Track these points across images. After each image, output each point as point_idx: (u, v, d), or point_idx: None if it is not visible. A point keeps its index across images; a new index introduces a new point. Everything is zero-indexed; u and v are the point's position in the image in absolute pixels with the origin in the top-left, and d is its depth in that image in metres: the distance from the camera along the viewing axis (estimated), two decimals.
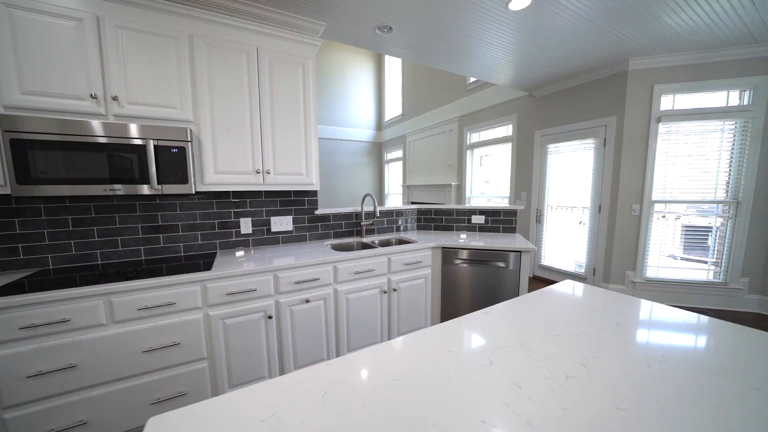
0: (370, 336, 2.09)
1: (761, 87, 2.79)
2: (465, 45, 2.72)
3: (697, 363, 0.73)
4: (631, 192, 3.19)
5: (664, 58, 2.93)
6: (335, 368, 0.72)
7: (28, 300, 1.22)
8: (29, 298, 1.22)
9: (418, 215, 2.96)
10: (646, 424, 0.54)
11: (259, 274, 1.67)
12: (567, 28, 2.42)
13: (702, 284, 3.11)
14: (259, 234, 2.23)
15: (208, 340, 1.57)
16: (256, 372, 1.72)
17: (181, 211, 1.97)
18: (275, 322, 1.75)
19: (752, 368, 0.71)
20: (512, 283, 2.21)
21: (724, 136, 2.94)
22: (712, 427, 0.54)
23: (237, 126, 1.84)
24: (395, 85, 7.45)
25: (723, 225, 3.04)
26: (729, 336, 0.86)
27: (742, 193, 2.92)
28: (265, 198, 2.23)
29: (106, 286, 1.33)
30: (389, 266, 2.11)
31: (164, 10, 1.61)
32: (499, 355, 0.77)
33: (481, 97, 4.83)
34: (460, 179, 5.36)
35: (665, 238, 3.22)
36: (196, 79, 1.71)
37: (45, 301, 1.24)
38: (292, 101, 2.01)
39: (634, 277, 3.26)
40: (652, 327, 0.93)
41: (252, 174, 1.92)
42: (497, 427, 0.54)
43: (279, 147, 1.99)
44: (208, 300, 1.55)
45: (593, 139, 3.43)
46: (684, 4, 2.11)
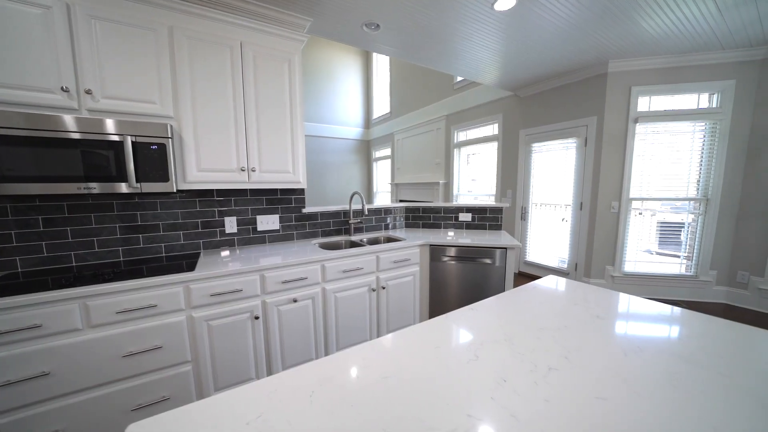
0: (359, 334, 2.09)
1: (728, 91, 2.94)
2: (452, 44, 2.75)
3: (669, 352, 0.77)
4: (610, 190, 3.31)
5: (641, 61, 3.05)
6: (323, 367, 0.72)
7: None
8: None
9: (407, 213, 2.98)
10: (624, 413, 0.57)
11: (245, 274, 1.64)
12: (550, 29, 2.48)
13: (675, 277, 3.27)
14: (245, 233, 2.19)
15: (192, 342, 1.53)
16: (243, 374, 1.69)
17: (162, 210, 1.91)
18: (262, 323, 1.72)
19: (719, 355, 0.75)
20: (498, 279, 2.25)
21: (695, 136, 3.09)
22: (683, 412, 0.57)
23: (220, 123, 1.80)
24: (383, 82, 7.43)
25: (694, 221, 3.20)
26: (698, 326, 0.91)
27: (711, 191, 3.08)
28: (251, 196, 2.19)
29: (82, 289, 1.28)
30: (378, 264, 2.11)
31: (141, 0, 1.54)
32: (485, 349, 0.79)
33: (467, 96, 4.89)
34: (447, 177, 5.41)
35: (642, 234, 3.36)
36: (177, 73, 1.66)
37: (12, 306, 1.18)
38: (277, 97, 1.97)
39: (614, 271, 3.39)
40: (629, 319, 0.97)
41: (236, 172, 1.87)
42: (483, 420, 0.55)
43: (264, 144, 1.95)
44: (191, 301, 1.51)
45: (575, 139, 3.53)
46: (659, 9, 2.20)
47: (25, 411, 1.22)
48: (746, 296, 3.03)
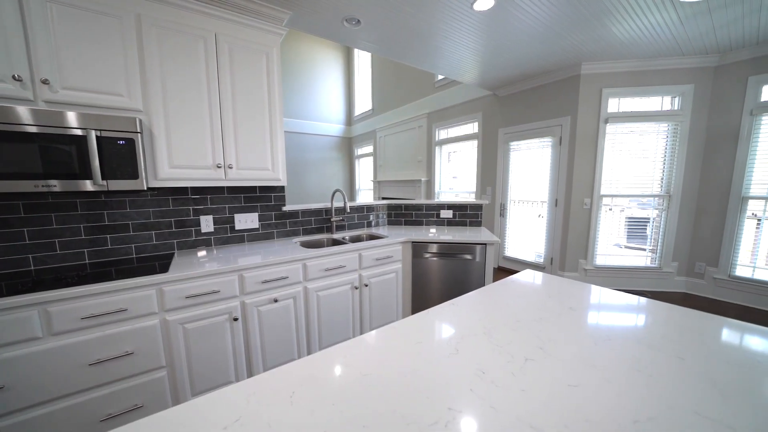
0: (343, 333, 2.08)
1: (687, 94, 3.15)
2: (433, 42, 2.76)
3: (635, 339, 0.82)
4: (583, 187, 3.47)
5: (611, 64, 3.20)
6: (304, 367, 0.71)
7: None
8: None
9: (389, 210, 2.98)
10: (594, 397, 0.60)
11: (223, 275, 1.59)
12: (527, 31, 2.55)
13: (641, 269, 3.48)
14: (222, 232, 2.12)
15: (167, 346, 1.47)
16: (222, 377, 1.65)
17: (132, 209, 1.81)
18: (241, 324, 1.67)
19: (677, 340, 0.81)
20: (479, 274, 2.31)
21: (659, 136, 3.29)
22: (645, 393, 0.61)
23: (194, 117, 1.72)
24: (365, 79, 7.38)
25: (658, 216, 3.41)
26: (661, 314, 0.97)
27: (673, 187, 3.30)
28: (228, 194, 2.11)
29: (40, 295, 1.19)
30: (360, 262, 2.11)
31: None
32: (465, 343, 0.81)
33: (448, 94, 4.95)
34: (429, 175, 5.47)
35: (612, 229, 3.55)
36: (146, 65, 1.57)
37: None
38: (255, 92, 1.91)
39: (586, 264, 3.56)
40: (599, 310, 1.02)
41: (212, 169, 1.81)
42: (463, 412, 0.56)
43: (242, 140, 1.89)
44: (165, 304, 1.44)
45: (550, 138, 3.67)
46: (627, 16, 2.31)
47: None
48: (703, 285, 3.28)
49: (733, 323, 0.90)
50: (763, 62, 2.81)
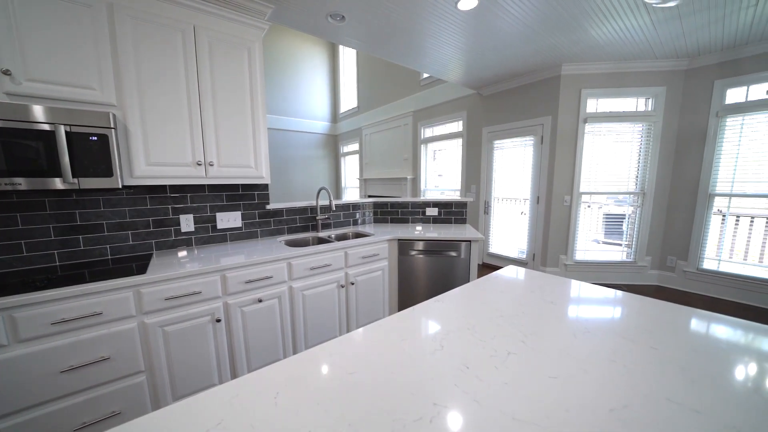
0: (329, 331, 2.07)
1: (660, 96, 3.30)
2: (418, 41, 2.77)
3: (611, 331, 0.85)
4: (563, 185, 3.58)
5: (590, 66, 3.30)
6: (288, 367, 0.70)
7: None
8: None
9: (375, 208, 2.98)
10: (573, 388, 0.62)
11: (205, 275, 1.54)
12: (509, 31, 2.59)
13: (618, 264, 3.63)
14: (204, 232, 2.06)
15: (146, 350, 1.42)
16: (205, 380, 1.60)
17: (107, 209, 1.73)
18: (224, 325, 1.63)
19: (651, 331, 0.85)
20: (463, 270, 2.35)
21: (634, 136, 3.44)
22: (621, 382, 0.63)
23: (173, 113, 1.66)
24: (350, 76, 7.32)
25: (633, 213, 3.57)
26: (635, 306, 1.02)
27: (647, 185, 3.45)
28: (209, 192, 2.05)
29: (4, 300, 1.12)
30: (346, 260, 2.10)
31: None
32: (450, 339, 0.82)
33: (433, 93, 4.98)
34: (415, 173, 5.50)
35: (590, 225, 3.68)
36: (120, 57, 1.50)
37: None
38: (237, 88, 1.86)
39: (566, 260, 3.68)
40: (578, 303, 1.06)
41: (192, 166, 1.75)
42: (447, 407, 0.57)
43: (223, 137, 1.84)
44: (143, 307, 1.39)
45: (532, 137, 3.76)
46: (603, 18, 2.39)
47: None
48: (674, 278, 3.46)
49: (701, 314, 0.96)
50: (728, 67, 2.97)
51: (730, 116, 3.01)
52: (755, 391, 0.61)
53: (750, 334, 0.83)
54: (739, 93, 2.99)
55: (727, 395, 0.60)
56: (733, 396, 0.60)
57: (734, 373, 0.67)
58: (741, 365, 0.70)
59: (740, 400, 0.58)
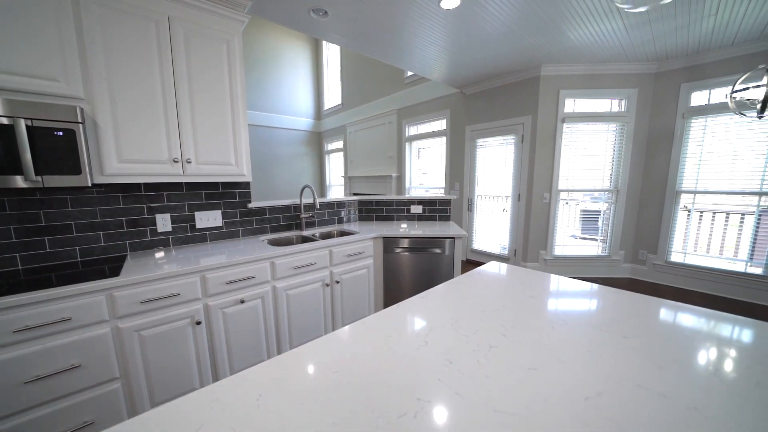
0: (314, 331, 2.05)
1: (632, 97, 3.46)
2: (401, 38, 2.77)
3: (587, 322, 0.89)
4: (543, 182, 3.69)
5: (567, 67, 3.41)
6: (271, 369, 0.69)
7: None
8: None
9: (360, 206, 2.97)
10: (551, 378, 0.65)
11: (183, 276, 1.49)
12: (491, 31, 2.64)
13: (594, 258, 3.79)
14: (182, 231, 1.98)
15: (121, 356, 1.36)
16: (185, 385, 1.55)
17: (75, 208, 1.64)
18: (205, 328, 1.59)
19: (623, 322, 0.89)
20: (448, 267, 2.38)
21: (608, 136, 3.59)
22: (595, 371, 0.66)
23: (146, 108, 1.58)
24: (334, 73, 7.23)
25: (608, 209, 3.73)
26: (609, 298, 1.07)
27: (620, 183, 3.62)
28: (187, 191, 1.98)
29: None
30: (331, 259, 2.08)
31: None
32: (434, 334, 0.83)
33: (418, 91, 5.00)
34: (400, 171, 5.52)
35: (568, 221, 3.82)
36: (87, 48, 1.41)
37: None
38: (215, 82, 1.80)
39: (546, 255, 3.80)
40: (557, 296, 1.09)
41: (168, 163, 1.68)
42: (431, 402, 0.58)
43: (201, 133, 1.77)
44: (116, 311, 1.33)
45: (513, 136, 3.85)
46: (580, 21, 2.47)
47: None
48: (645, 270, 3.65)
49: (669, 304, 1.01)
50: (693, 71, 3.15)
51: (694, 118, 3.20)
52: (714, 374, 0.65)
53: (711, 322, 0.89)
54: (702, 96, 3.18)
55: (690, 379, 0.64)
56: (695, 379, 0.64)
57: (697, 358, 0.71)
58: (703, 350, 0.74)
59: (701, 382, 0.63)
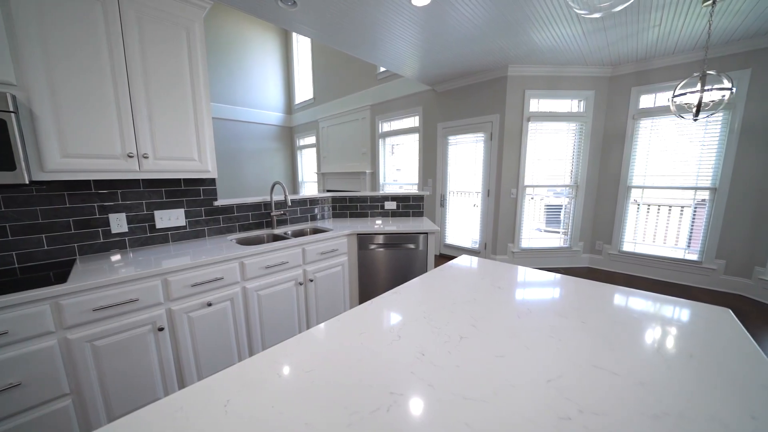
0: (288, 331, 2.01)
1: (590, 99, 3.70)
2: (373, 33, 2.75)
3: (550, 310, 0.95)
4: (510, 178, 3.86)
5: (532, 68, 3.57)
6: (240, 372, 0.66)
7: None
8: None
9: (334, 203, 2.93)
10: (517, 364, 0.68)
11: (142, 280, 1.39)
12: (461, 30, 2.69)
13: (557, 249, 4.03)
14: (140, 232, 1.84)
15: (71, 370, 1.24)
16: (148, 395, 1.46)
17: (10, 208, 1.46)
18: (168, 334, 1.50)
19: (581, 308, 0.96)
20: (421, 262, 2.42)
21: (569, 134, 3.82)
22: (556, 354, 0.71)
23: (95, 97, 1.44)
24: (305, 66, 7.03)
25: (569, 203, 3.98)
26: (569, 287, 1.14)
27: (579, 178, 3.87)
28: (145, 188, 1.84)
29: None
30: (304, 257, 2.04)
31: None
32: (406, 329, 0.84)
33: (390, 87, 5.00)
34: (374, 167, 5.51)
35: (533, 215, 4.03)
36: (17, 28, 1.25)
37: None
38: (175, 72, 1.68)
39: (514, 248, 3.99)
40: (523, 287, 1.15)
41: (122, 158, 1.55)
42: (404, 394, 0.59)
43: (159, 126, 1.65)
44: (64, 321, 1.21)
45: (483, 133, 3.98)
46: (543, 24, 2.59)
47: None
48: (601, 260, 3.95)
49: (621, 290, 1.10)
50: (641, 76, 3.43)
51: (643, 119, 3.49)
52: (657, 351, 0.72)
53: (657, 304, 0.98)
54: (649, 99, 3.47)
55: (638, 357, 0.70)
56: (642, 357, 0.70)
57: (644, 338, 0.78)
58: (649, 330, 0.82)
59: (647, 360, 0.69)
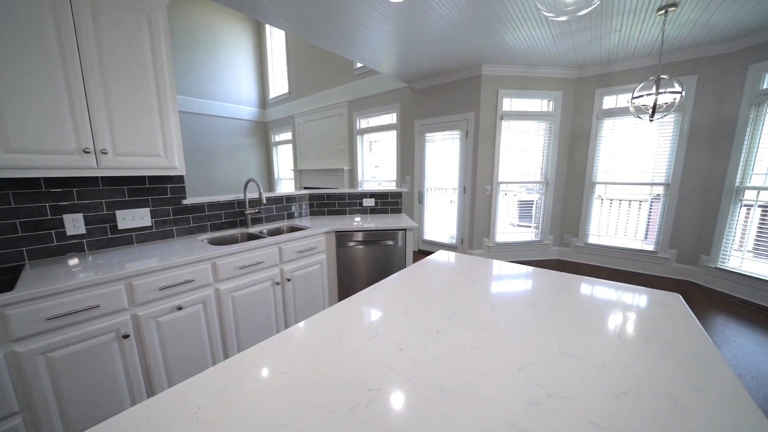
0: (265, 333, 1.96)
1: (558, 99, 3.88)
2: (350, 28, 2.71)
3: (522, 301, 0.99)
4: (485, 175, 3.97)
5: (505, 68, 3.69)
6: (213, 377, 0.64)
7: None
8: None
9: (311, 201, 2.88)
10: (490, 355, 0.71)
11: (103, 285, 1.30)
12: (437, 28, 2.72)
13: (529, 243, 4.21)
14: (100, 234, 1.72)
15: (21, 386, 1.14)
16: (113, 407, 1.37)
17: None
18: (135, 341, 1.41)
19: (550, 298, 1.01)
20: (400, 258, 2.44)
21: (539, 133, 3.98)
22: (527, 343, 0.74)
23: (43, 87, 1.32)
24: (280, 60, 6.82)
25: (540, 199, 4.16)
26: (540, 278, 1.20)
27: (549, 175, 4.06)
28: (105, 186, 1.72)
29: None
30: (280, 256, 1.99)
31: None
32: (385, 325, 0.85)
33: (368, 83, 4.97)
34: (352, 164, 5.46)
35: (507, 211, 4.18)
36: None
37: None
38: (135, 61, 1.57)
39: (489, 242, 4.12)
40: (497, 280, 1.19)
41: (76, 154, 1.43)
42: (382, 390, 0.59)
43: (119, 120, 1.54)
44: (11, 332, 1.10)
45: (459, 131, 4.06)
46: (515, 26, 2.68)
47: None
48: (569, 252, 4.17)
49: (587, 280, 1.17)
50: (605, 78, 3.64)
51: (606, 119, 3.70)
52: (618, 336, 0.78)
53: (618, 292, 1.05)
54: (612, 100, 3.69)
55: (601, 342, 0.75)
56: (604, 342, 0.75)
57: (607, 324, 0.84)
58: (611, 317, 0.88)
59: (609, 344, 0.74)
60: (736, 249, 3.07)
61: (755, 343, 2.24)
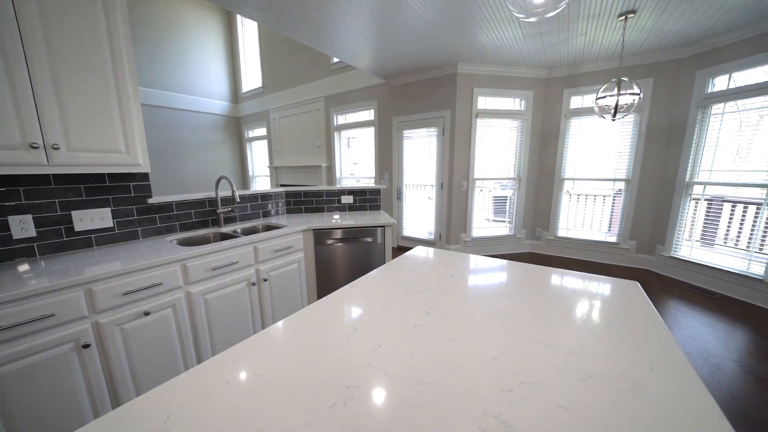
0: (241, 335, 1.90)
1: (529, 98, 4.03)
2: (325, 22, 2.66)
3: (496, 293, 1.02)
4: (461, 172, 4.06)
5: (480, 67, 3.77)
6: (183, 384, 0.61)
7: None
8: None
9: (287, 198, 2.81)
10: (465, 347, 0.73)
11: (58, 292, 1.20)
12: (413, 25, 2.72)
13: (503, 237, 4.37)
14: (53, 236, 1.58)
15: None
16: (72, 422, 1.27)
17: None
18: (96, 350, 1.32)
19: (521, 290, 1.05)
20: (380, 255, 2.45)
21: (512, 131, 4.12)
22: (500, 333, 0.77)
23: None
24: (252, 52, 6.57)
25: (513, 195, 4.32)
26: (513, 271, 1.25)
27: (521, 171, 4.22)
28: (58, 185, 1.58)
29: None
30: (256, 255, 1.93)
31: None
32: (363, 321, 0.85)
33: (345, 79, 4.91)
34: (330, 161, 5.39)
35: (483, 206, 4.30)
36: None
37: None
38: (90, 49, 1.45)
39: (466, 237, 4.23)
40: (473, 273, 1.23)
41: (23, 150, 1.30)
42: (360, 387, 0.59)
43: (72, 112, 1.42)
44: None
45: (436, 128, 4.11)
46: (488, 25, 2.74)
47: None
48: (541, 245, 4.37)
49: (556, 271, 1.23)
50: (572, 79, 3.82)
51: (573, 118, 3.90)
52: (584, 323, 0.82)
53: (585, 282, 1.11)
54: (578, 100, 3.89)
55: (568, 329, 0.79)
56: (572, 330, 0.79)
57: (574, 312, 0.89)
58: (579, 306, 0.93)
59: (576, 332, 0.78)
60: (686, 239, 3.36)
61: (702, 324, 2.47)
